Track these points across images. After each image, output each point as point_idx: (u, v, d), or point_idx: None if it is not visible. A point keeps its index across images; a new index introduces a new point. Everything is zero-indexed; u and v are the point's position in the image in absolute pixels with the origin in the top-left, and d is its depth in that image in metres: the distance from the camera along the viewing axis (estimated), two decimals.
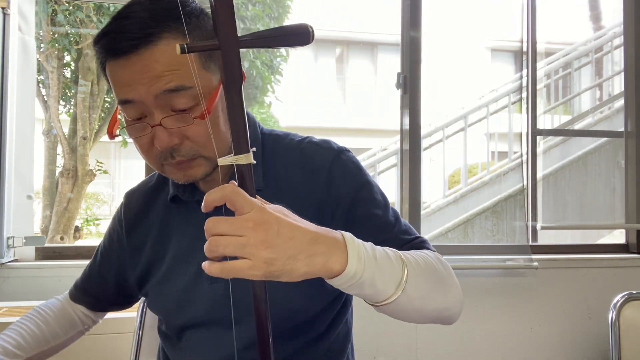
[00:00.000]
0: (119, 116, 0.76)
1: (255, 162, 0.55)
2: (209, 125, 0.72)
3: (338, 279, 0.58)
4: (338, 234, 0.59)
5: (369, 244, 0.62)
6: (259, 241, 0.52)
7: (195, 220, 0.84)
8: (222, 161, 0.54)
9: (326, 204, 0.62)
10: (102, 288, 0.97)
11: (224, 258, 0.54)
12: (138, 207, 0.92)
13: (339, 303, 0.88)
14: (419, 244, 0.80)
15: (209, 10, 0.67)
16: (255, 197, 0.55)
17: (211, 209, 0.53)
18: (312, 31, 0.53)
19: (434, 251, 0.78)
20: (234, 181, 0.56)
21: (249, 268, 0.52)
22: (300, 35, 0.53)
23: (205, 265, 0.53)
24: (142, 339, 1.13)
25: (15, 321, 0.94)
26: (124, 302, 1.00)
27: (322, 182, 0.81)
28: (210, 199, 0.52)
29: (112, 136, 0.74)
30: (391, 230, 0.81)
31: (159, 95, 0.69)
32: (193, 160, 0.74)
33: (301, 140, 0.86)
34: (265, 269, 0.52)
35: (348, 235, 0.60)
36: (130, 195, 0.95)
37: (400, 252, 0.67)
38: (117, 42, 0.69)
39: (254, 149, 0.55)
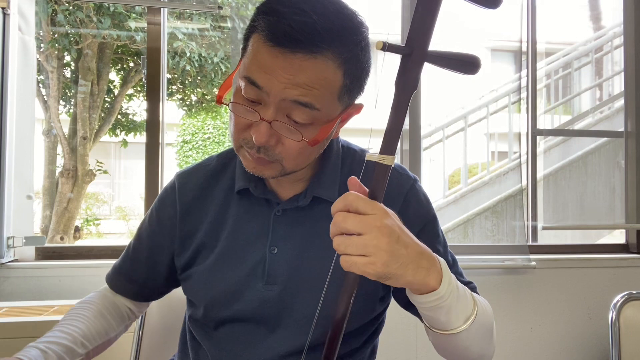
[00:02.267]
0: (233, 86, 0.73)
1: (392, 165, 0.58)
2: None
3: (427, 296, 0.62)
4: (435, 255, 0.64)
5: (452, 275, 0.66)
6: (382, 242, 0.56)
7: (259, 218, 0.82)
8: (370, 157, 0.58)
9: None
10: (152, 274, 0.92)
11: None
12: (195, 190, 0.88)
13: (378, 321, 0.89)
14: (472, 289, 0.85)
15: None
16: (382, 198, 0.59)
17: None
18: (481, 65, 0.58)
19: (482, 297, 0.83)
20: (354, 177, 0.61)
21: (365, 264, 0.56)
22: (472, 65, 0.58)
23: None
24: (142, 339, 1.13)
25: (72, 309, 0.89)
26: (170, 288, 0.95)
27: (396, 208, 0.81)
28: (335, 209, 0.58)
29: (219, 101, 0.72)
30: (450, 269, 0.83)
31: (287, 99, 0.67)
32: (271, 163, 0.73)
33: None
34: (381, 270, 0.57)
35: (442, 259, 0.65)
36: (185, 177, 0.90)
37: (470, 291, 0.71)
38: (283, 33, 0.65)
39: (396, 155, 0.58)
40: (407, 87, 0.56)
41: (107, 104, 3.97)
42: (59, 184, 3.68)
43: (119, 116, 4.17)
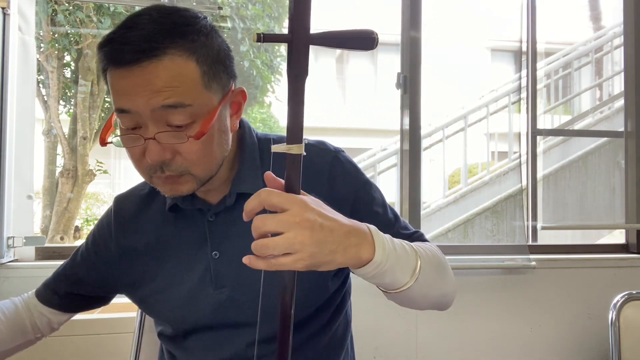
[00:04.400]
0: (113, 123, 0.76)
1: (305, 153, 0.57)
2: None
3: (365, 268, 0.62)
4: (364, 226, 0.64)
5: (388, 236, 0.66)
6: (306, 237, 0.56)
7: (196, 228, 0.85)
8: (275, 148, 0.57)
9: (328, 205, 0.64)
10: (77, 289, 0.95)
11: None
12: (130, 213, 0.91)
13: (339, 296, 0.91)
14: (418, 237, 0.86)
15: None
16: (300, 187, 0.58)
17: (252, 217, 0.57)
18: (377, 37, 0.56)
19: (429, 242, 0.84)
20: (269, 172, 0.59)
21: (294, 262, 0.56)
22: (365, 40, 0.55)
23: (247, 260, 0.57)
24: (142, 339, 1.13)
25: None
26: (95, 305, 0.99)
27: (322, 184, 0.84)
28: (249, 208, 0.56)
29: (103, 143, 0.75)
30: (392, 226, 0.86)
31: (156, 109, 0.69)
32: (181, 177, 0.74)
33: None
34: (309, 261, 0.57)
35: (373, 227, 0.65)
36: (122, 201, 0.95)
37: (412, 243, 0.71)
38: (121, 52, 0.68)
39: (306, 140, 0.57)
40: (298, 75, 0.55)
41: (107, 104, 3.97)
42: (59, 184, 3.68)
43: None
